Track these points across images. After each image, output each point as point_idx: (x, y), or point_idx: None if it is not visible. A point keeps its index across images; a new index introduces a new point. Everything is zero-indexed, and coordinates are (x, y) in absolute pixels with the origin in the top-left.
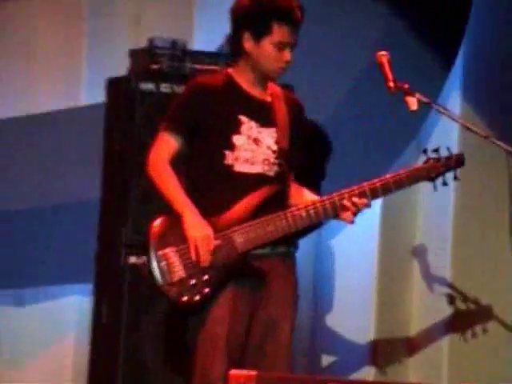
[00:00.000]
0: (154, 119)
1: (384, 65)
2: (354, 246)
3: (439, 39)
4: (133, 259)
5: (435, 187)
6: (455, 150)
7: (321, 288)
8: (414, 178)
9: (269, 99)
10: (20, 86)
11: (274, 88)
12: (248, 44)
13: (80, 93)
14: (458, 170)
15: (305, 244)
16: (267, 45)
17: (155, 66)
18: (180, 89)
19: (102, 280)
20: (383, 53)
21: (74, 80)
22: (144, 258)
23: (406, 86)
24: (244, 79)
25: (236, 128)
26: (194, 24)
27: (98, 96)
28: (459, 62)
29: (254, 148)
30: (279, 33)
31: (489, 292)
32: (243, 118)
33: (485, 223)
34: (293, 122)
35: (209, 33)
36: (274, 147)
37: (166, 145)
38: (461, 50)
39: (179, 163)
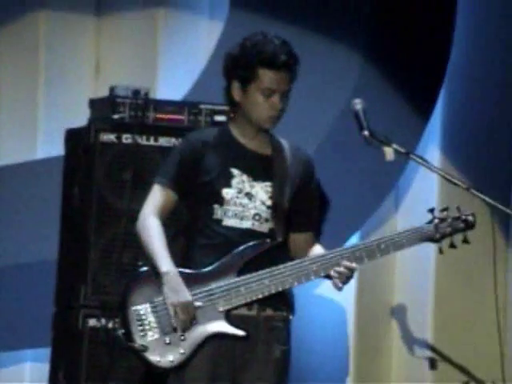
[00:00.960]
0: (115, 172)
1: (359, 113)
2: (329, 303)
3: (417, 88)
4: (92, 322)
5: (441, 250)
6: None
7: (296, 345)
8: (416, 237)
9: (268, 152)
10: None
11: (278, 142)
12: (237, 94)
13: (36, 145)
14: (468, 232)
15: None
16: (254, 92)
17: (116, 116)
18: (143, 139)
19: (58, 345)
20: (358, 100)
21: (30, 132)
22: (103, 321)
23: (382, 135)
24: (240, 132)
25: (226, 181)
26: (157, 71)
27: (56, 149)
28: (438, 110)
29: (245, 202)
30: (265, 79)
31: (472, 355)
32: (235, 171)
33: (468, 280)
34: (300, 180)
35: (173, 80)
36: (268, 202)
37: (155, 199)
38: (440, 98)
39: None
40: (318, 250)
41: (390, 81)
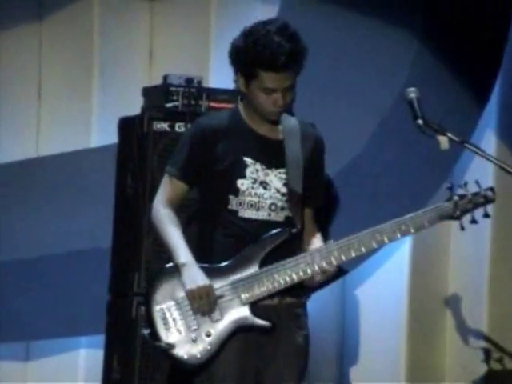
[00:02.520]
0: (168, 161)
1: (413, 102)
2: (382, 293)
3: (473, 75)
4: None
5: (462, 226)
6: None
7: (348, 338)
8: (436, 216)
9: (280, 137)
10: (29, 127)
11: (288, 124)
12: (242, 86)
13: (91, 133)
14: (489, 207)
15: (330, 292)
16: (255, 89)
17: (169, 105)
18: None
19: (113, 332)
20: (412, 89)
21: (85, 120)
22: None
23: (436, 124)
24: (250, 117)
25: (241, 171)
26: (210, 60)
27: (110, 137)
28: (494, 98)
29: (260, 192)
30: (264, 79)
31: None
32: (248, 160)
33: None
34: (309, 159)
35: (226, 69)
36: (283, 190)
37: (168, 189)
38: (496, 85)
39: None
40: (317, 241)
41: (446, 68)
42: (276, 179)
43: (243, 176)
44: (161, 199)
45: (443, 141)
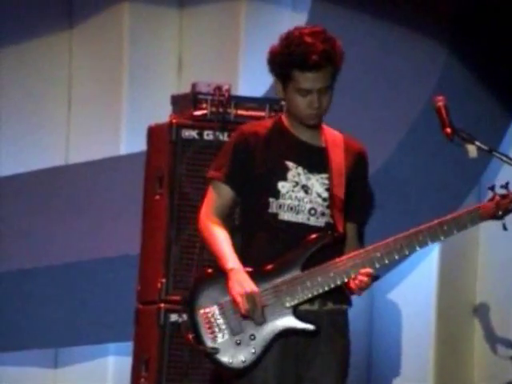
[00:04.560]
0: (197, 168)
1: (441, 110)
2: (411, 300)
3: (501, 83)
4: (173, 317)
5: (505, 226)
6: None
7: (376, 345)
8: (478, 216)
9: (322, 145)
10: (58, 134)
11: (331, 134)
12: (279, 90)
13: (120, 141)
14: None
15: (359, 299)
16: (291, 91)
17: (198, 113)
18: (224, 136)
19: (141, 339)
20: (440, 97)
21: (114, 128)
22: (185, 317)
23: (465, 132)
24: (292, 124)
25: (282, 174)
26: (239, 68)
27: (139, 144)
28: None
29: (301, 196)
30: (299, 79)
31: None
32: (290, 164)
33: None
34: (352, 171)
35: (255, 77)
36: (325, 194)
37: (213, 197)
38: None
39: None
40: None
41: (474, 76)
42: (318, 184)
43: (284, 179)
44: (207, 209)
45: (471, 149)
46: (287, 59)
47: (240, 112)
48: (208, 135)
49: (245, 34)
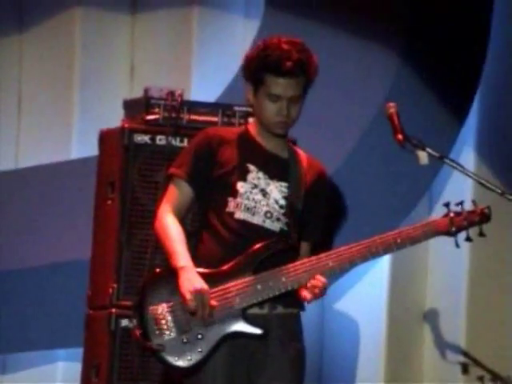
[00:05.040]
0: (149, 173)
1: (393, 116)
2: (361, 308)
3: (452, 91)
4: (124, 322)
5: (457, 243)
6: (469, 207)
7: (327, 351)
8: (432, 231)
9: (285, 156)
10: (8, 138)
11: (296, 150)
12: (250, 96)
13: (71, 145)
14: (483, 226)
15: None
16: (262, 96)
17: (151, 117)
18: (177, 141)
19: (91, 345)
20: (392, 104)
21: (65, 132)
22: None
23: (416, 139)
24: (258, 133)
25: (242, 175)
26: (191, 73)
27: (90, 149)
28: (473, 114)
29: (258, 198)
30: (271, 84)
31: (506, 360)
32: (251, 167)
33: (501, 286)
34: (310, 189)
35: (208, 82)
36: (282, 202)
37: (172, 194)
38: (475, 101)
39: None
40: None
41: (425, 84)
42: (276, 190)
43: (244, 179)
44: (166, 207)
45: (422, 156)
46: (262, 63)
47: (193, 117)
48: (160, 140)
49: (197, 40)
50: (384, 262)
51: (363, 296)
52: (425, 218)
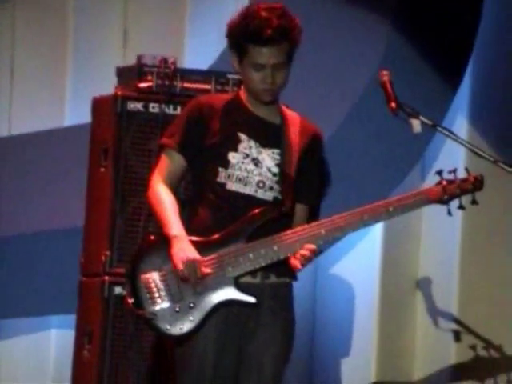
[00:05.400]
0: (142, 141)
1: (386, 84)
2: (354, 276)
3: (445, 59)
4: (118, 290)
5: (449, 211)
6: (461, 175)
7: (319, 319)
8: (424, 199)
9: (277, 122)
10: (1, 106)
11: (288, 114)
12: (236, 65)
13: (64, 112)
14: (476, 194)
15: (302, 273)
16: (246, 66)
17: (144, 85)
18: (170, 109)
19: (84, 312)
20: (385, 72)
21: (58, 99)
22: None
23: (409, 107)
24: (249, 99)
25: (233, 145)
26: (185, 41)
27: (83, 116)
28: (466, 82)
29: (250, 168)
30: (253, 54)
31: (497, 327)
32: (242, 136)
33: (493, 254)
34: (305, 152)
35: (201, 50)
36: (275, 169)
37: (165, 165)
38: (468, 70)
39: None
40: None
41: (418, 51)
42: (269, 158)
43: (235, 150)
44: (158, 176)
45: (415, 124)
46: (242, 33)
47: (186, 85)
48: (153, 108)
49: (190, 7)
50: (377, 230)
51: (356, 264)
52: (417, 186)
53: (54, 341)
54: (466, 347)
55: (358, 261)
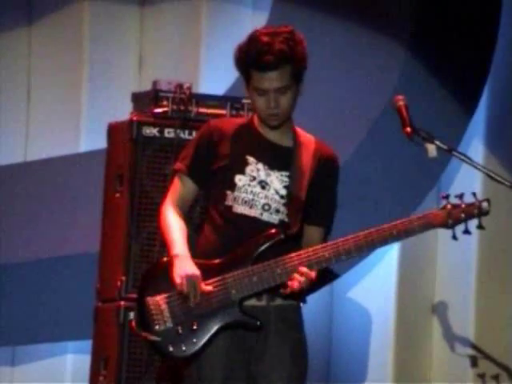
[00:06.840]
0: (158, 166)
1: (401, 109)
2: (370, 300)
3: (460, 83)
4: (133, 315)
5: (454, 236)
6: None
7: (336, 343)
8: (428, 223)
9: (289, 144)
10: (17, 131)
11: (303, 136)
12: (245, 90)
13: (80, 138)
14: (483, 218)
15: (319, 297)
16: (251, 90)
17: (159, 110)
18: (185, 134)
19: (100, 338)
20: (400, 97)
21: (74, 125)
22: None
23: (425, 131)
24: (260, 123)
25: (240, 168)
26: (200, 66)
27: (99, 142)
28: (482, 106)
29: (256, 191)
30: (256, 79)
31: None
32: (250, 159)
33: (509, 278)
34: (318, 174)
35: (216, 75)
36: (283, 192)
37: (175, 188)
38: (484, 94)
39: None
40: None
41: (434, 76)
42: (277, 181)
43: (242, 172)
44: (169, 200)
45: (431, 149)
46: (245, 59)
47: (201, 110)
48: (169, 133)
49: (206, 33)
50: (393, 254)
51: (372, 288)
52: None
53: (69, 366)
54: (483, 372)
55: (374, 285)
